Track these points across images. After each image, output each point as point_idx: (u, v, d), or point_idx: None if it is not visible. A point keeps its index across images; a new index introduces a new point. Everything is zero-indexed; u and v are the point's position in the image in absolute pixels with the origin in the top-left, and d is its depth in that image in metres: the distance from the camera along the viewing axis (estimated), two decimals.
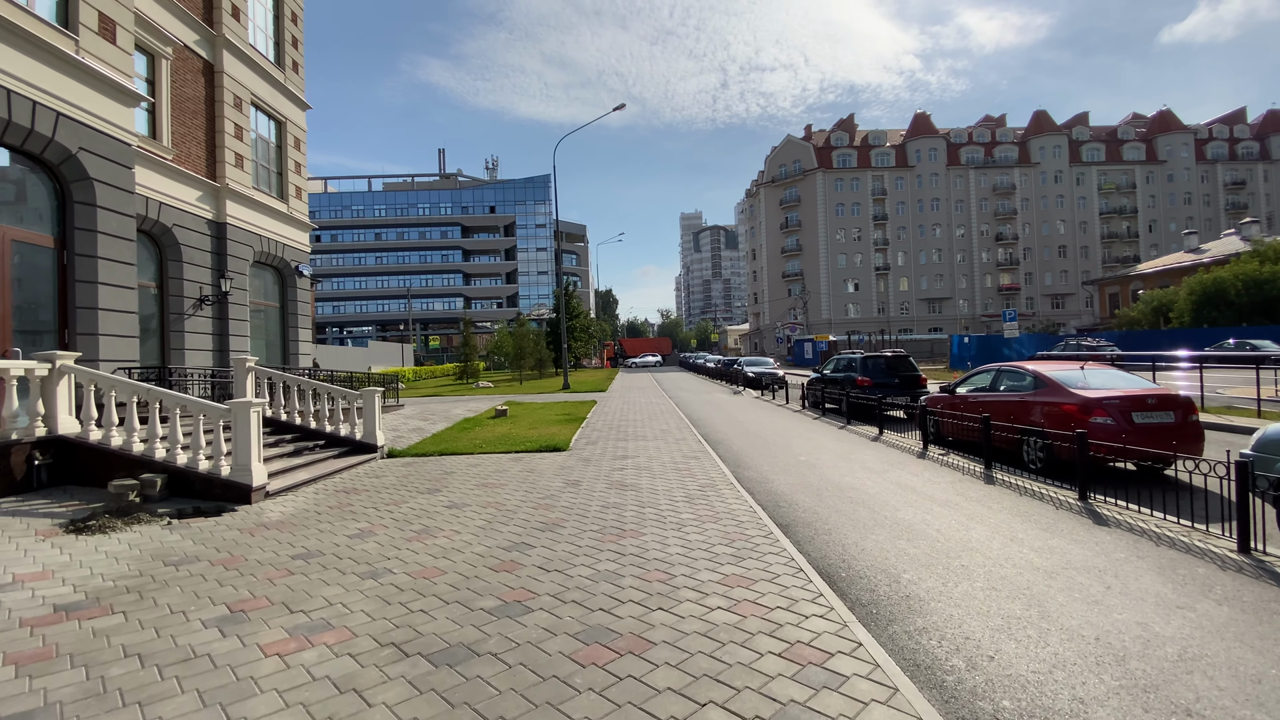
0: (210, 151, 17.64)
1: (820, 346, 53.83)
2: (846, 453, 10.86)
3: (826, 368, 19.17)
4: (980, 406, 10.61)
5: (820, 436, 12.95)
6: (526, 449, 11.82)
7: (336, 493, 8.48)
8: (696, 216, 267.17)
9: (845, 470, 9.32)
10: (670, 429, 14.54)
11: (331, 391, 11.58)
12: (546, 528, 6.41)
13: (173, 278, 16.32)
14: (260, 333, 20.13)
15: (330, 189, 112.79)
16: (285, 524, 6.83)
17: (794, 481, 8.66)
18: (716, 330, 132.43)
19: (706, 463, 9.97)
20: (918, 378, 16.09)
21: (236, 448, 7.78)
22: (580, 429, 14.86)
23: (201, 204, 17.04)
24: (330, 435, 11.48)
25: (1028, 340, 40.18)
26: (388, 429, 15.44)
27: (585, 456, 10.95)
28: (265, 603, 4.52)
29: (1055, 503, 7.16)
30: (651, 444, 12.22)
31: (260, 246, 19.15)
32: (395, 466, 10.55)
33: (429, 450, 11.88)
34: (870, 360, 16.40)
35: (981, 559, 5.33)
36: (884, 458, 10.30)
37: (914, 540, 5.87)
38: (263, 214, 19.28)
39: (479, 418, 17.61)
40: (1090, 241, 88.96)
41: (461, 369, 45.73)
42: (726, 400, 23.17)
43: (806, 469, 9.49)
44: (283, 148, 21.07)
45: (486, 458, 11.16)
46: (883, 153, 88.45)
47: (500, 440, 13.03)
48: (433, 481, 9.11)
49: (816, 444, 11.93)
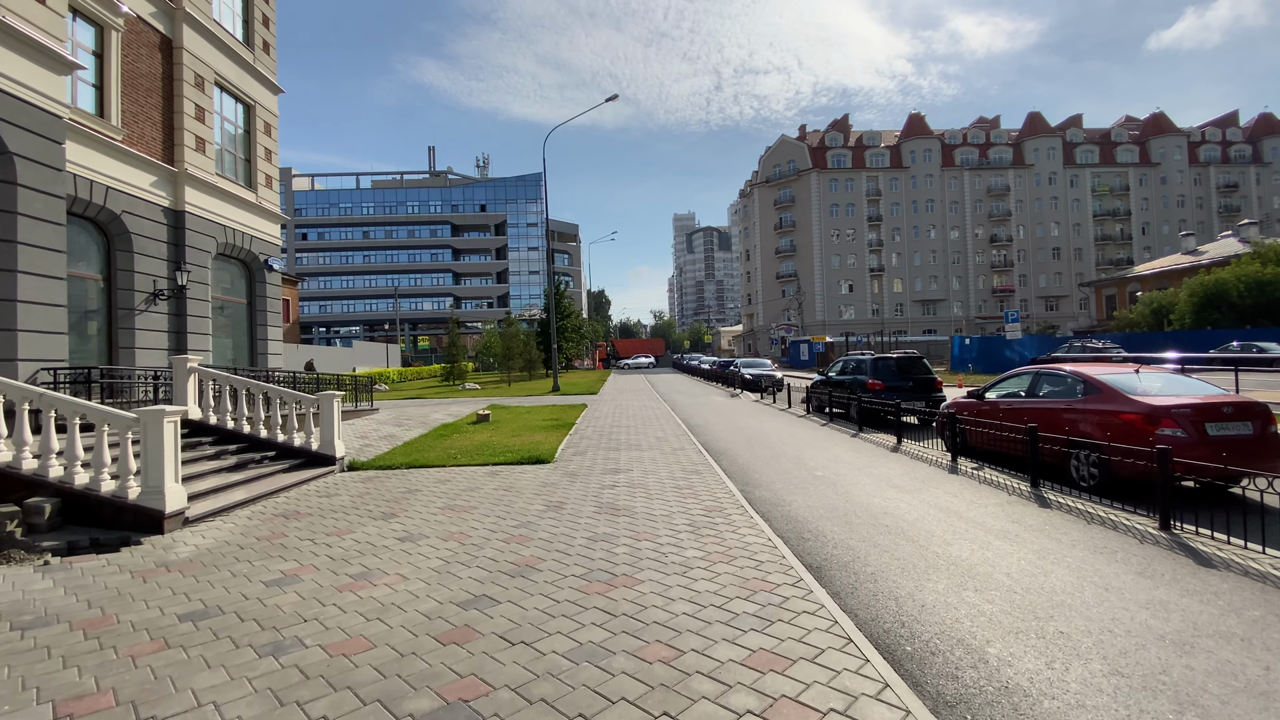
0: (168, 134, 16.23)
1: (817, 348, 52.70)
2: (867, 466, 9.62)
3: (832, 370, 17.97)
4: (1017, 415, 9.41)
5: (833, 446, 11.71)
6: (506, 460, 10.51)
7: (274, 517, 7.15)
8: (689, 218, 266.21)
9: (871, 489, 8.07)
10: (667, 436, 13.27)
11: (284, 396, 10.23)
12: (518, 571, 5.12)
13: (122, 270, 14.89)
14: (225, 331, 18.73)
15: (318, 186, 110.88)
16: (194, 563, 5.50)
17: (815, 504, 7.40)
18: (710, 331, 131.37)
19: (710, 479, 8.71)
20: (933, 381, 14.90)
21: (147, 465, 6.44)
22: (568, 437, 13.56)
23: (156, 190, 15.63)
24: (283, 446, 10.13)
25: (1029, 342, 39.21)
26: (356, 436, 14.08)
27: (572, 470, 9.66)
28: (106, 702, 3.20)
29: (1134, 533, 5.93)
30: (647, 455, 10.94)
31: (224, 238, 17.74)
32: (353, 482, 9.22)
33: (396, 462, 10.54)
34: (881, 362, 15.19)
35: (1081, 621, 4.08)
36: (911, 473, 9.06)
37: (983, 590, 4.62)
38: (228, 203, 17.87)
39: (458, 423, 16.27)
40: (1084, 244, 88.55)
41: (448, 370, 44.27)
42: (724, 404, 21.92)
43: (826, 487, 8.24)
44: (251, 133, 19.67)
45: (459, 471, 9.84)
46: (877, 153, 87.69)
47: (478, 450, 11.72)
48: (391, 503, 7.78)
49: (831, 455, 10.69)
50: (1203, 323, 42.49)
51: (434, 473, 9.81)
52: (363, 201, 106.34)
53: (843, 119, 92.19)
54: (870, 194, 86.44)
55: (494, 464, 10.39)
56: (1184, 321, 44.20)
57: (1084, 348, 33.64)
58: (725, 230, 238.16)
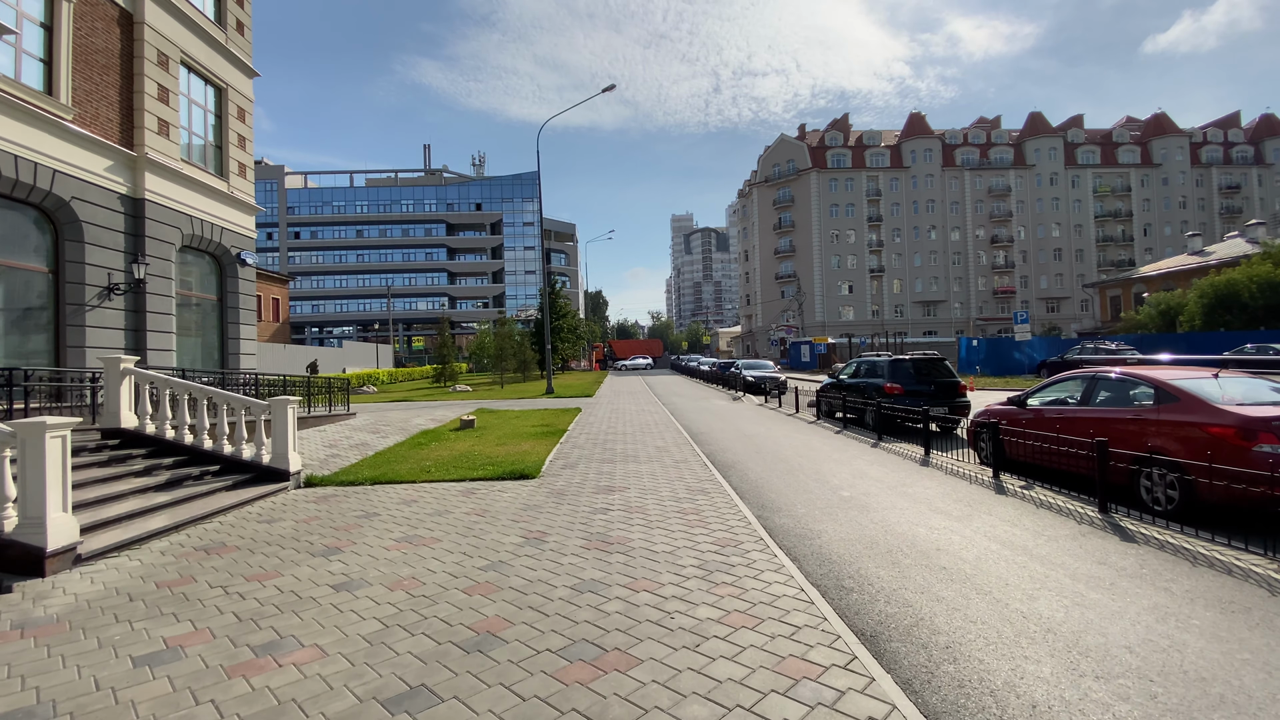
0: (126, 115, 14.97)
1: (819, 349, 51.42)
2: (898, 483, 8.37)
3: (843, 372, 16.75)
4: (1071, 425, 8.19)
5: (854, 458, 10.46)
6: (485, 475, 9.24)
7: (192, 552, 5.88)
8: (687, 218, 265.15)
9: (911, 514, 6.83)
10: (667, 445, 12.02)
11: (232, 402, 8.96)
12: (475, 641, 3.84)
13: (71, 261, 13.64)
14: (193, 330, 17.48)
15: (311, 184, 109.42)
16: (59, 624, 4.23)
17: (848, 534, 6.15)
18: (708, 332, 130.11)
19: (719, 500, 7.46)
20: (956, 384, 13.67)
21: (26, 491, 5.18)
22: (558, 446, 12.30)
23: (112, 175, 14.37)
24: (229, 459, 8.86)
25: (1038, 343, 38.04)
26: (324, 445, 12.79)
27: (559, 488, 8.41)
28: None
29: (1259, 581, 4.70)
30: (645, 468, 9.69)
31: (191, 229, 16.47)
32: (304, 502, 7.94)
33: (360, 477, 9.27)
34: (900, 364, 13.96)
35: None
36: (951, 492, 7.81)
37: (1107, 677, 3.36)
38: (195, 191, 16.60)
39: (440, 430, 15.00)
40: (1085, 245, 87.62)
41: (439, 371, 42.95)
42: (727, 408, 20.68)
43: (857, 511, 6.99)
44: (223, 118, 18.41)
45: (430, 489, 8.58)
46: (877, 153, 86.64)
47: (456, 462, 10.45)
48: (340, 532, 6.52)
49: (854, 469, 9.44)
50: (1213, 324, 41.43)
51: (401, 490, 8.54)
52: (356, 200, 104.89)
53: (842, 118, 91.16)
54: (870, 194, 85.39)
55: (471, 479, 9.13)
56: (1194, 323, 43.14)
57: (1096, 349, 32.45)
58: (723, 231, 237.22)
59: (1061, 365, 33.09)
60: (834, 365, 48.86)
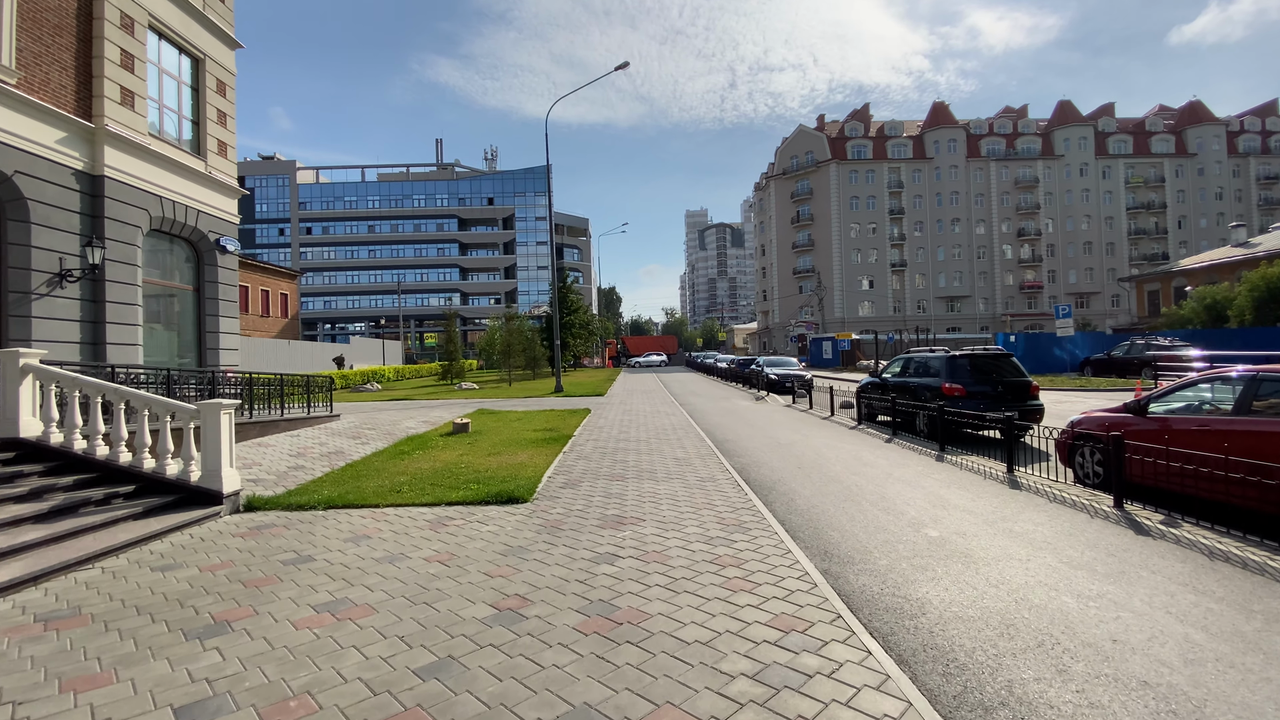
0: (84, 82, 13.35)
1: (842, 346, 49.08)
2: (996, 516, 6.40)
3: (887, 371, 14.77)
4: (1224, 440, 6.22)
5: (921, 476, 8.51)
6: (466, 498, 7.42)
7: (12, 630, 4.13)
8: (702, 214, 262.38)
9: (1040, 571, 4.85)
10: (689, 457, 10.16)
11: (155, 406, 7.23)
12: None
13: (15, 244, 12.05)
14: (165, 323, 15.91)
15: (322, 179, 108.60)
16: None
17: (966, 609, 4.15)
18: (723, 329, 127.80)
19: (765, 541, 5.58)
20: (1028, 384, 11.66)
21: None
22: (560, 456, 10.47)
23: (66, 148, 12.77)
24: (149, 477, 7.14)
25: (1081, 339, 35.59)
26: (291, 454, 11.05)
27: (554, 519, 6.57)
28: None
29: None
30: (664, 489, 7.84)
31: (161, 211, 14.85)
32: (226, 538, 6.17)
33: (314, 498, 7.50)
34: (960, 361, 11.96)
35: None
36: (1076, 532, 5.84)
37: None
38: (166, 170, 14.98)
39: (430, 434, 13.25)
40: (1117, 238, 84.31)
41: (445, 368, 41.34)
42: (751, 409, 18.75)
43: (962, 565, 5.03)
44: (200, 91, 16.75)
45: (394, 518, 6.77)
46: (899, 144, 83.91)
47: (437, 477, 8.67)
48: (248, 592, 4.67)
49: (929, 494, 7.49)
50: (1266, 319, 38.77)
51: (357, 519, 6.75)
52: (368, 195, 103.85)
53: (863, 108, 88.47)
54: (892, 186, 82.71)
55: (449, 502, 7.31)
56: (1244, 318, 40.49)
57: (1146, 345, 29.96)
58: (738, 227, 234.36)
59: (1109, 363, 30.67)
60: (859, 362, 46.66)
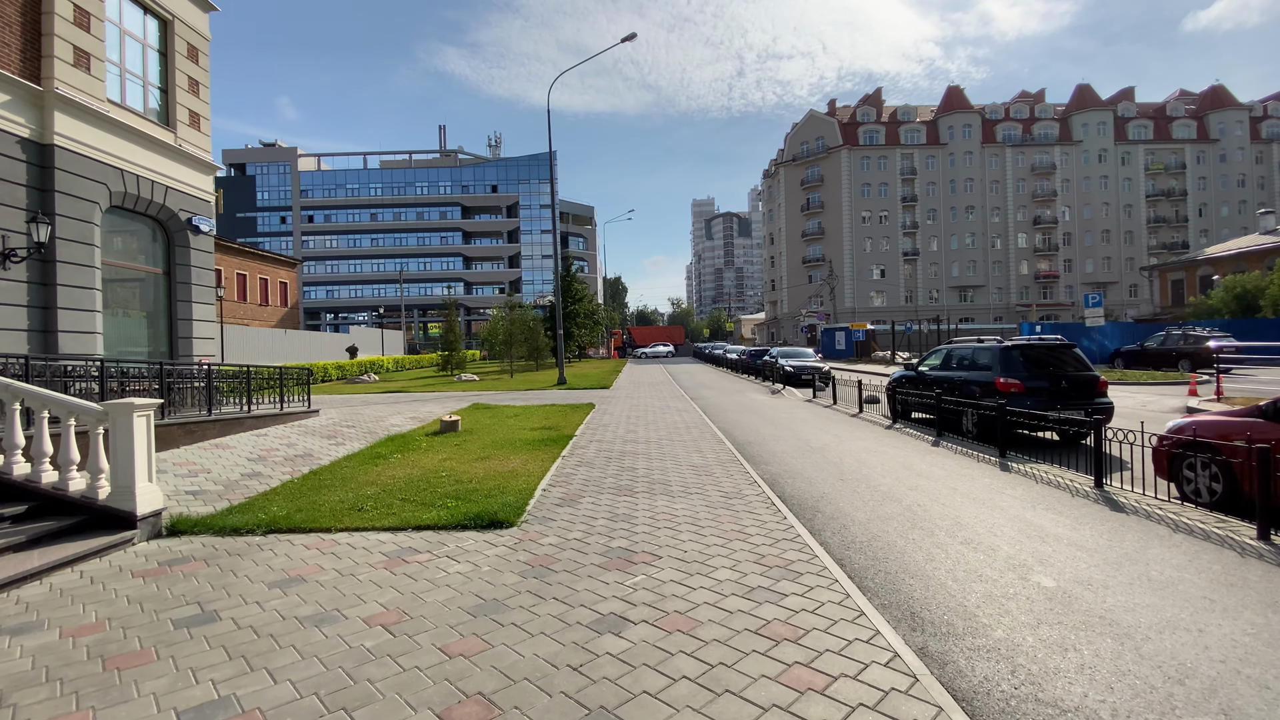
0: (31, 41, 11.94)
1: (856, 336, 47.37)
2: (1118, 554, 4.92)
3: (924, 363, 13.28)
4: None
5: (994, 493, 7.02)
6: (439, 521, 6.00)
7: None
8: (709, 203, 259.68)
9: (1223, 647, 3.47)
10: (708, 464, 8.74)
11: (55, 406, 5.85)
12: None
13: None
14: (130, 309, 14.61)
15: (324, 166, 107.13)
16: None
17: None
18: (731, 319, 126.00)
19: (826, 598, 4.12)
20: (1094, 380, 10.14)
21: None
22: (558, 461, 9.06)
23: (8, 113, 11.39)
24: (46, 494, 5.79)
25: (1112, 330, 33.92)
26: (251, 456, 9.65)
27: (544, 553, 5.15)
28: None
29: None
30: (681, 508, 6.42)
31: (122, 186, 13.47)
32: (118, 581, 4.76)
33: (257, 518, 6.12)
34: (1016, 353, 10.45)
35: None
36: (1247, 585, 4.40)
37: None
38: (129, 141, 13.59)
39: (415, 433, 11.87)
40: (1135, 226, 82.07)
41: (445, 359, 39.98)
42: (769, 405, 17.31)
43: (1114, 641, 3.55)
44: (168, 56, 15.30)
45: (348, 547, 5.39)
46: (912, 129, 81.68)
47: (412, 489, 7.29)
48: (95, 687, 3.27)
49: (1017, 519, 6.01)
50: None
51: (299, 549, 5.38)
52: (370, 182, 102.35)
53: (875, 93, 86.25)
54: (905, 173, 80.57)
55: (417, 526, 5.92)
56: (1279, 308, 38.76)
57: (1184, 336, 28.26)
58: (745, 216, 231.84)
59: (1142, 355, 28.97)
60: (875, 353, 45.08)
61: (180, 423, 9.75)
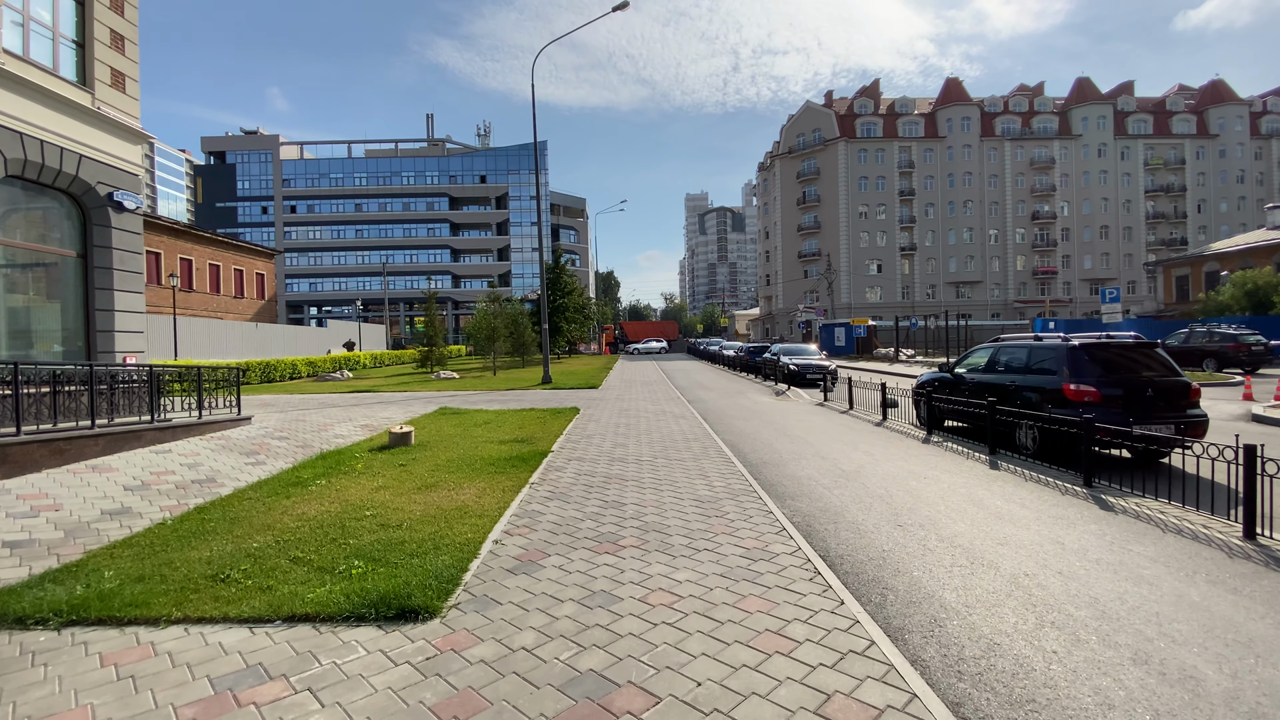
0: None
1: (857, 332, 45.41)
2: None
3: (962, 364, 11.37)
4: None
5: (1116, 548, 5.14)
6: (325, 607, 3.95)
7: None
8: (702, 198, 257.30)
9: None
10: (716, 496, 6.80)
11: None
12: None
13: None
14: (34, 297, 12.51)
15: (307, 155, 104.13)
16: None
17: None
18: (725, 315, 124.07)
19: None
20: (1186, 386, 8.27)
21: None
22: (524, 492, 7.08)
23: None
24: None
25: (1129, 328, 32.27)
26: (129, 485, 7.53)
27: (468, 682, 3.11)
28: None
29: None
30: (685, 580, 4.43)
31: (21, 152, 11.31)
32: None
33: (75, 592, 4.07)
34: (1087, 353, 8.56)
35: None
36: None
37: None
38: (31, 100, 11.42)
39: (355, 449, 9.81)
40: (1134, 222, 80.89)
41: (425, 355, 37.82)
42: (776, 409, 15.38)
43: None
44: (86, 6, 13.11)
45: (172, 655, 3.38)
46: (910, 121, 79.96)
47: (314, 541, 5.29)
48: None
49: (1181, 600, 4.13)
50: None
51: (93, 660, 3.38)
52: (355, 172, 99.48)
53: (873, 84, 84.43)
54: (902, 166, 78.87)
55: (290, 617, 3.92)
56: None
57: (1209, 333, 26.58)
58: (739, 211, 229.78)
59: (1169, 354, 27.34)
60: (877, 349, 43.27)
61: (43, 439, 7.67)
